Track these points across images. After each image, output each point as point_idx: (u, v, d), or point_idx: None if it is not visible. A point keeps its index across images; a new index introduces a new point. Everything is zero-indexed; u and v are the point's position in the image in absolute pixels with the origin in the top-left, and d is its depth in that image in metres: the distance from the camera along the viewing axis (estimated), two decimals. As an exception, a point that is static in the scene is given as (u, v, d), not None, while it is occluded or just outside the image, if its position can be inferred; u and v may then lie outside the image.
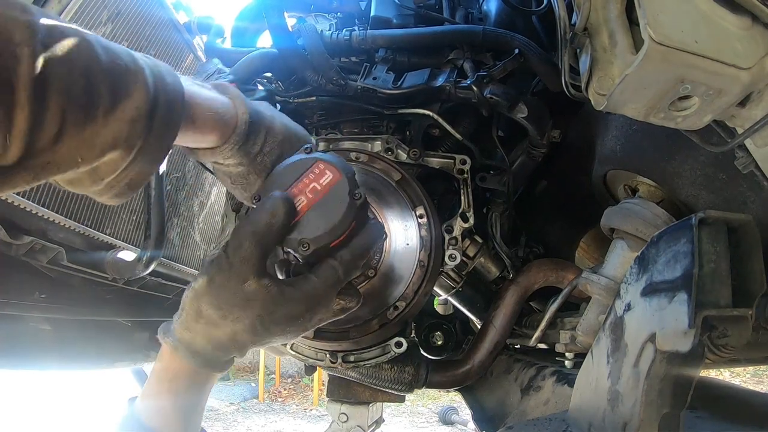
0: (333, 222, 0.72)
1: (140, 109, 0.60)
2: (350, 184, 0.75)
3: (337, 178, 0.75)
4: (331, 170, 0.75)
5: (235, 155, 0.80)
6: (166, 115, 0.64)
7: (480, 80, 1.26)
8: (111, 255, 1.63)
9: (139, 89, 0.60)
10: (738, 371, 6.26)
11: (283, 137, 0.86)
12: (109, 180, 0.64)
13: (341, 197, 0.73)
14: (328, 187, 0.74)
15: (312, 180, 0.75)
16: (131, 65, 0.61)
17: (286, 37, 1.32)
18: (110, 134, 0.59)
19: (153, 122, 0.62)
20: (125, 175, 0.64)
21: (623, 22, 0.77)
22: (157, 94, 0.62)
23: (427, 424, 7.22)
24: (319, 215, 0.72)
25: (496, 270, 1.41)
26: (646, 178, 1.12)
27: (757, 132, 0.76)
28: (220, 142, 0.77)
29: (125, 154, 0.61)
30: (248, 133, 0.79)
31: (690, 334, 0.60)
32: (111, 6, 1.49)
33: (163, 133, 0.64)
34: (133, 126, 0.60)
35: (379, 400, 1.35)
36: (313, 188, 0.74)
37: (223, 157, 0.80)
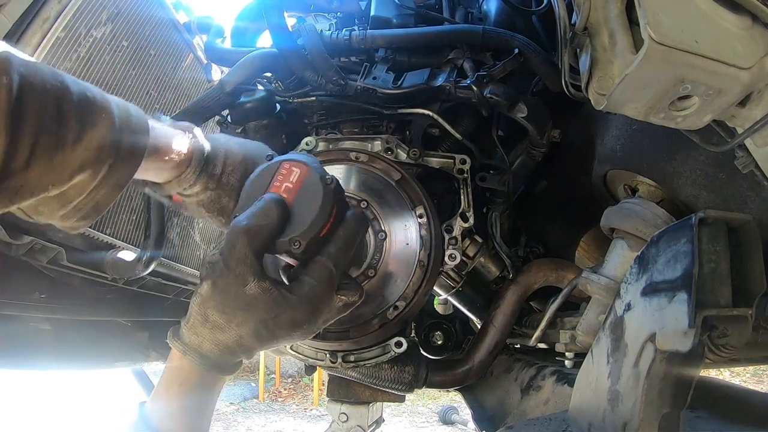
0: (315, 211, 0.72)
1: (105, 137, 0.65)
2: (319, 172, 0.75)
3: (305, 170, 0.75)
4: (296, 166, 0.76)
5: (199, 180, 0.84)
6: (131, 143, 0.69)
7: (480, 80, 1.26)
8: (111, 255, 1.63)
9: (105, 119, 0.65)
10: (738, 371, 6.26)
11: (244, 155, 0.89)
12: (75, 203, 0.68)
13: (314, 186, 0.74)
14: (299, 182, 0.74)
15: (282, 180, 0.75)
16: (99, 98, 0.66)
17: (286, 37, 1.32)
18: (78, 160, 0.63)
19: (119, 149, 0.67)
20: (92, 198, 0.68)
21: (623, 22, 0.77)
22: (122, 125, 0.67)
23: (427, 424, 7.23)
24: (300, 210, 0.73)
25: (496, 270, 1.41)
26: (646, 178, 1.12)
27: (757, 132, 0.76)
28: (181, 169, 0.80)
29: (91, 178, 0.66)
30: (207, 158, 0.83)
31: (690, 333, 0.60)
32: (111, 6, 1.49)
33: (128, 159, 0.69)
34: (100, 152, 0.65)
35: (379, 399, 1.35)
36: (285, 188, 0.74)
37: (188, 184, 0.83)
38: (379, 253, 1.15)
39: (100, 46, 1.47)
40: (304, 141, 1.28)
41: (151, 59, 1.74)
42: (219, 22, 1.78)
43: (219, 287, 0.70)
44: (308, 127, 1.41)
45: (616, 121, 1.14)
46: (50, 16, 1.28)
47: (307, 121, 1.41)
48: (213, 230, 2.32)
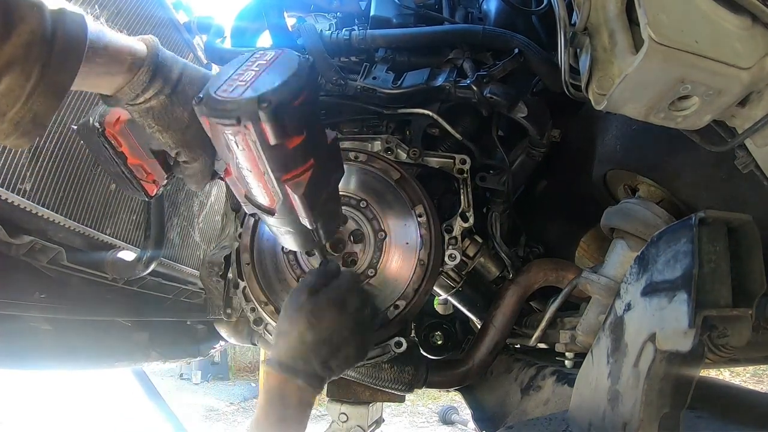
0: (287, 74, 0.66)
1: (35, 33, 0.59)
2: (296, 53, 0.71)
3: (282, 51, 0.71)
4: (273, 50, 0.72)
5: (153, 83, 0.76)
6: (66, 43, 0.62)
7: (480, 80, 1.26)
8: (111, 255, 1.63)
9: (34, 15, 0.59)
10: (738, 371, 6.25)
11: (203, 73, 0.82)
12: (11, 114, 0.61)
13: (290, 59, 0.69)
14: (274, 58, 0.70)
15: (255, 60, 0.70)
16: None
17: (285, 36, 1.32)
18: (4, 57, 0.57)
19: (52, 48, 0.60)
20: (28, 108, 0.62)
21: (623, 22, 0.77)
22: (56, 21, 0.61)
23: (427, 424, 7.22)
24: (272, 74, 0.67)
25: (496, 270, 1.41)
26: (646, 178, 1.12)
27: (757, 132, 0.76)
28: (134, 71, 0.74)
29: (23, 80, 0.59)
30: (162, 61, 0.76)
31: (690, 333, 0.60)
32: (111, 6, 1.49)
33: (63, 61, 0.62)
34: (29, 49, 0.59)
35: (379, 399, 1.35)
36: (258, 64, 0.69)
37: (140, 88, 0.75)
38: (378, 252, 1.15)
39: (100, 45, 1.47)
40: (304, 141, 1.28)
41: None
42: (219, 22, 1.77)
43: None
44: (308, 127, 1.41)
45: (616, 121, 1.14)
46: (50, 15, 1.28)
47: (307, 121, 1.41)
48: (213, 230, 2.32)
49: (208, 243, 2.25)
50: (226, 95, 0.65)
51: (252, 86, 0.65)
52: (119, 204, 1.67)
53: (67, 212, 1.45)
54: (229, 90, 0.66)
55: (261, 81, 0.65)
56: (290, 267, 1.17)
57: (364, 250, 1.16)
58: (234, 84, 0.66)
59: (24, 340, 1.67)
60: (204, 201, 2.24)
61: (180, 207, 2.03)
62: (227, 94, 0.65)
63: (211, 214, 2.31)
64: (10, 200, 1.26)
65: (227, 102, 0.64)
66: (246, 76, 0.67)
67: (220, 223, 1.42)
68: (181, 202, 2.04)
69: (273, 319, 1.16)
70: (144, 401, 3.36)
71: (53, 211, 1.40)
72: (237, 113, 0.64)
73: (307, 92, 0.68)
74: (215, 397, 8.96)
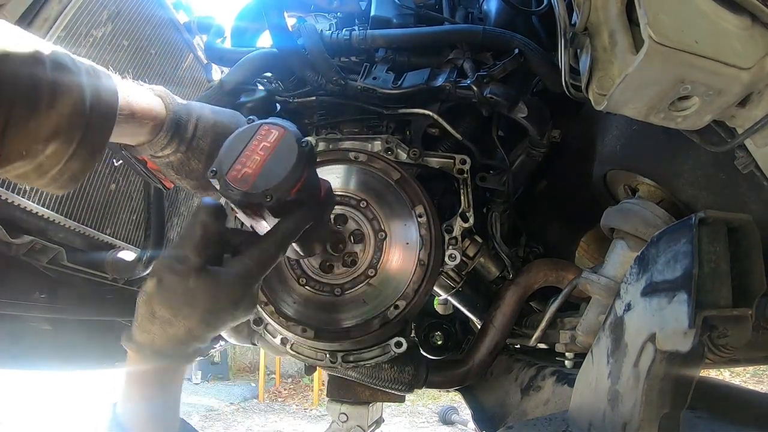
0: (288, 167, 0.76)
1: (76, 106, 0.67)
2: (296, 134, 0.80)
3: (283, 132, 0.80)
4: (275, 129, 0.80)
5: (171, 143, 0.87)
6: (102, 110, 0.71)
7: (480, 80, 1.26)
8: (111, 255, 1.63)
9: (75, 91, 0.68)
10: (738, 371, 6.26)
11: (215, 121, 0.93)
12: (53, 173, 0.70)
13: (290, 146, 0.78)
14: (276, 142, 0.79)
15: (260, 140, 0.79)
16: (70, 65, 0.69)
17: (286, 37, 1.32)
18: (51, 126, 0.66)
19: (90, 119, 0.69)
20: (67, 168, 0.71)
21: (623, 22, 0.77)
22: (93, 91, 0.70)
23: (427, 424, 7.23)
24: (274, 166, 0.77)
25: (496, 270, 1.41)
26: (646, 178, 1.12)
27: (757, 132, 0.76)
28: (155, 133, 0.84)
29: (66, 146, 0.68)
30: (179, 121, 0.87)
31: (690, 334, 0.60)
32: (111, 6, 1.49)
33: (100, 126, 0.72)
34: (71, 119, 0.67)
35: (379, 400, 1.35)
36: (263, 147, 0.79)
37: (160, 147, 0.87)
38: (378, 252, 1.15)
39: (101, 45, 1.47)
40: (304, 141, 1.28)
41: (151, 59, 1.74)
42: (219, 22, 1.78)
43: (164, 284, 0.72)
44: (308, 127, 1.41)
45: (616, 122, 1.14)
46: (51, 15, 1.29)
47: (307, 121, 1.41)
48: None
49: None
50: (236, 185, 0.76)
51: (258, 178, 0.76)
52: (119, 204, 1.67)
53: (67, 212, 1.45)
54: (238, 176, 0.77)
55: (265, 172, 0.77)
56: (290, 267, 1.17)
57: (364, 250, 1.16)
58: (242, 169, 0.77)
59: (24, 340, 1.66)
60: (204, 201, 2.24)
61: (180, 207, 2.04)
62: (236, 181, 0.76)
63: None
64: (10, 200, 1.26)
65: (236, 192, 0.76)
66: (252, 162, 0.78)
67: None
68: (181, 202, 2.04)
69: (273, 319, 1.16)
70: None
71: (53, 211, 1.40)
72: (245, 203, 0.77)
73: (305, 178, 0.78)
74: (215, 397, 8.96)
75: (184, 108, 0.89)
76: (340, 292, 1.15)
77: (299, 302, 1.17)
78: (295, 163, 0.76)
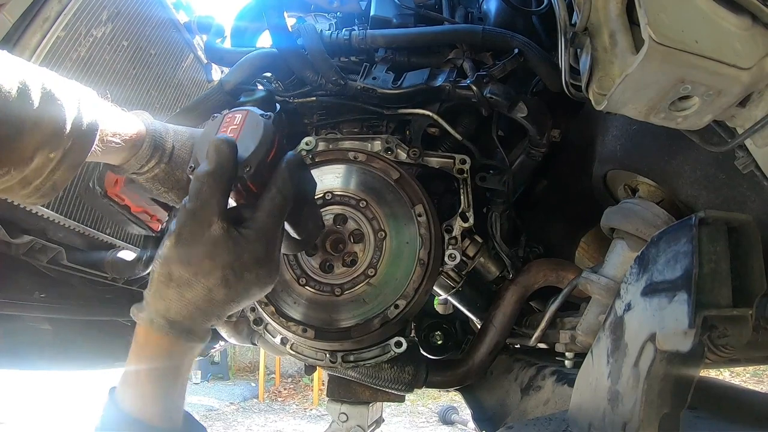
0: (258, 137, 0.79)
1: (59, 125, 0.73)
2: (258, 111, 0.83)
3: (246, 113, 0.83)
4: (238, 112, 0.84)
5: (153, 156, 0.91)
6: (83, 134, 0.76)
7: (480, 80, 1.26)
8: (111, 255, 1.63)
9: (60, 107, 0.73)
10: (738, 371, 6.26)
11: (191, 133, 0.97)
12: (36, 183, 0.75)
13: (256, 121, 0.82)
14: (242, 122, 0.82)
15: (227, 125, 0.83)
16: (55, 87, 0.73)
17: (285, 37, 1.32)
18: (38, 140, 0.71)
19: (72, 136, 0.74)
20: (50, 179, 0.76)
21: (624, 22, 0.77)
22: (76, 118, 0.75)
23: (427, 423, 7.23)
24: (246, 141, 0.79)
25: (496, 270, 1.41)
26: (646, 178, 1.12)
27: (758, 132, 0.76)
28: (135, 150, 0.89)
29: (48, 161, 0.73)
30: (157, 139, 0.91)
31: (690, 334, 0.60)
32: (111, 6, 1.49)
33: (81, 146, 0.76)
34: (55, 137, 0.72)
35: (379, 399, 1.35)
36: (231, 129, 0.82)
37: (144, 161, 0.90)
38: (378, 252, 1.15)
39: (101, 45, 1.47)
40: (304, 141, 1.28)
41: (151, 59, 1.74)
42: (219, 22, 1.78)
43: (183, 237, 0.68)
44: (308, 127, 1.41)
45: (616, 122, 1.14)
46: (50, 15, 1.28)
47: (307, 121, 1.41)
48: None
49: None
50: None
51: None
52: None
53: (67, 212, 1.45)
54: None
55: (239, 148, 0.79)
56: (290, 267, 1.17)
57: (363, 250, 1.16)
58: None
59: (24, 340, 1.67)
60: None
61: (180, 207, 2.03)
62: None
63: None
64: (10, 200, 1.26)
65: None
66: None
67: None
68: (181, 202, 2.03)
69: (273, 319, 1.16)
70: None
71: (53, 211, 1.40)
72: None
73: (278, 143, 0.82)
74: (215, 397, 8.96)
75: (160, 125, 0.94)
76: (340, 292, 1.15)
77: (299, 302, 1.17)
78: (263, 132, 0.80)
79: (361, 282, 1.14)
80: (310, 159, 1.24)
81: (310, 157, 1.24)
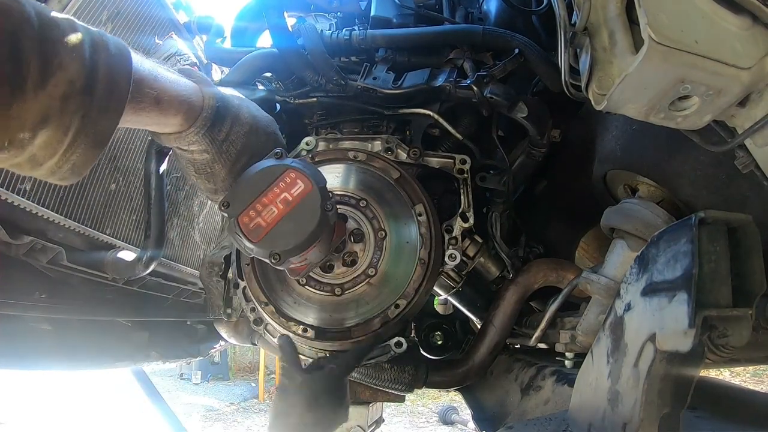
0: (304, 235, 0.73)
1: (74, 83, 0.53)
2: (322, 195, 0.75)
3: (309, 188, 0.75)
4: (302, 180, 0.76)
5: (201, 141, 0.78)
6: (107, 92, 0.56)
7: (480, 80, 1.26)
8: (111, 255, 1.63)
9: (74, 63, 0.53)
10: (738, 371, 6.25)
11: (250, 127, 0.86)
12: (49, 165, 0.57)
13: (313, 209, 0.74)
14: (299, 198, 0.74)
15: (283, 189, 0.75)
16: (68, 31, 0.53)
17: (286, 37, 1.32)
18: (40, 110, 0.51)
19: (92, 99, 0.55)
20: (66, 159, 0.57)
21: (623, 22, 0.77)
22: (96, 68, 0.55)
23: (427, 423, 7.22)
24: (291, 227, 0.73)
25: (496, 270, 1.41)
26: (646, 178, 1.12)
27: (757, 132, 0.76)
28: (185, 126, 0.74)
29: (60, 134, 0.54)
30: (214, 119, 0.77)
31: (690, 334, 0.60)
32: (111, 6, 1.49)
33: (104, 113, 0.57)
34: (66, 102, 0.53)
35: (379, 399, 1.35)
36: (284, 198, 0.74)
37: (187, 143, 0.77)
38: (379, 251, 1.15)
39: (100, 46, 1.47)
40: (304, 141, 1.28)
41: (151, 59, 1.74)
42: (219, 22, 1.77)
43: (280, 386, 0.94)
44: (308, 127, 1.41)
45: (616, 121, 1.14)
46: (50, 15, 1.28)
47: (307, 121, 1.41)
48: (213, 230, 2.32)
49: (208, 243, 2.25)
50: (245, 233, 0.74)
51: (269, 235, 0.74)
52: (119, 204, 1.67)
53: (67, 212, 1.45)
54: (249, 224, 0.74)
55: (278, 231, 0.74)
56: (290, 267, 1.17)
57: (364, 250, 1.16)
58: (256, 217, 0.74)
59: (24, 340, 1.66)
60: (204, 201, 2.24)
61: (180, 207, 2.03)
62: (246, 229, 0.74)
63: (211, 214, 2.31)
64: (10, 200, 1.26)
65: (243, 241, 0.74)
66: (268, 213, 0.75)
67: (220, 223, 1.42)
68: (181, 202, 2.04)
69: (273, 319, 1.16)
70: (144, 401, 3.36)
71: (53, 211, 1.40)
72: (251, 254, 0.76)
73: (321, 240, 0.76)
74: (215, 397, 8.96)
75: (222, 103, 0.79)
76: (341, 292, 1.15)
77: (299, 302, 1.17)
78: (313, 230, 0.73)
79: (361, 282, 1.14)
80: (310, 158, 1.24)
81: (310, 157, 1.24)
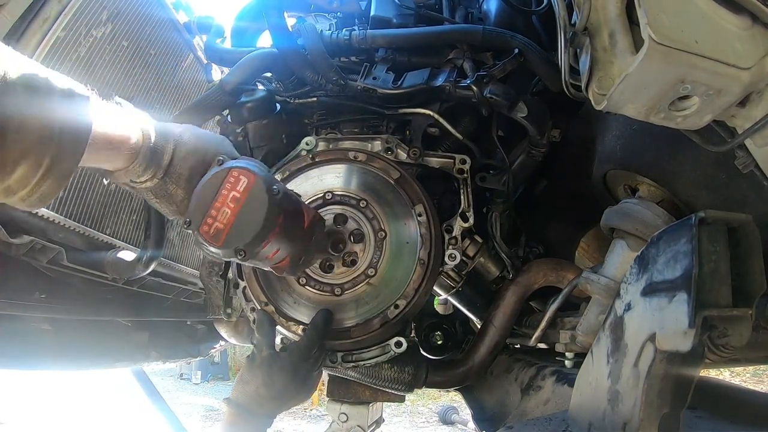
0: (260, 224, 0.75)
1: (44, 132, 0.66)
2: (266, 183, 0.77)
3: (252, 179, 0.77)
4: (245, 175, 0.78)
5: (147, 170, 0.86)
6: (73, 139, 0.70)
7: (480, 80, 1.26)
8: (111, 255, 1.63)
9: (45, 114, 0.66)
10: (738, 371, 6.26)
11: (195, 146, 0.92)
12: (21, 194, 0.69)
13: (260, 198, 0.76)
14: (246, 192, 0.77)
15: (230, 189, 0.78)
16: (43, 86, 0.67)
17: (286, 37, 1.32)
18: (20, 149, 0.64)
19: (62, 142, 0.68)
20: (36, 190, 0.70)
21: (623, 22, 0.77)
22: (63, 119, 0.68)
23: (427, 423, 7.23)
24: (246, 220, 0.75)
25: (496, 270, 1.41)
26: (646, 178, 1.12)
27: (757, 132, 0.76)
28: (131, 159, 0.83)
29: (35, 170, 0.67)
30: (155, 146, 0.86)
31: (690, 333, 0.60)
32: (111, 6, 1.49)
33: (71, 152, 0.70)
34: (39, 146, 0.66)
35: (379, 399, 1.35)
36: (233, 197, 0.77)
37: (136, 174, 0.86)
38: (379, 251, 1.15)
39: (101, 45, 1.47)
40: (304, 141, 1.28)
41: (151, 59, 1.74)
42: (219, 22, 1.78)
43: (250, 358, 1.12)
44: (308, 127, 1.41)
45: (616, 121, 1.14)
46: (50, 15, 1.28)
47: (307, 121, 1.41)
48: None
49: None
50: (208, 241, 0.77)
51: (228, 234, 0.77)
52: (119, 204, 1.67)
53: (67, 212, 1.45)
54: (210, 231, 0.78)
55: (236, 227, 0.77)
56: (290, 267, 1.17)
57: (364, 250, 1.16)
58: (213, 223, 0.78)
59: (24, 340, 1.67)
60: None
61: (180, 207, 2.03)
62: (209, 237, 0.78)
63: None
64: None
65: (210, 249, 0.78)
66: (222, 215, 0.78)
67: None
68: (181, 202, 2.03)
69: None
70: (144, 401, 3.36)
71: (53, 211, 1.40)
72: (219, 258, 0.82)
73: (281, 224, 0.78)
74: (215, 397, 8.96)
75: (162, 134, 0.88)
76: (340, 292, 1.15)
77: (299, 302, 1.17)
78: (266, 215, 0.75)
79: (361, 282, 1.14)
80: (311, 158, 1.24)
81: (311, 157, 1.24)
